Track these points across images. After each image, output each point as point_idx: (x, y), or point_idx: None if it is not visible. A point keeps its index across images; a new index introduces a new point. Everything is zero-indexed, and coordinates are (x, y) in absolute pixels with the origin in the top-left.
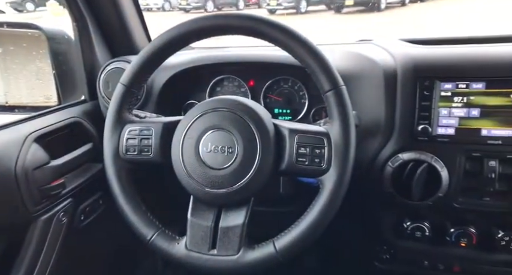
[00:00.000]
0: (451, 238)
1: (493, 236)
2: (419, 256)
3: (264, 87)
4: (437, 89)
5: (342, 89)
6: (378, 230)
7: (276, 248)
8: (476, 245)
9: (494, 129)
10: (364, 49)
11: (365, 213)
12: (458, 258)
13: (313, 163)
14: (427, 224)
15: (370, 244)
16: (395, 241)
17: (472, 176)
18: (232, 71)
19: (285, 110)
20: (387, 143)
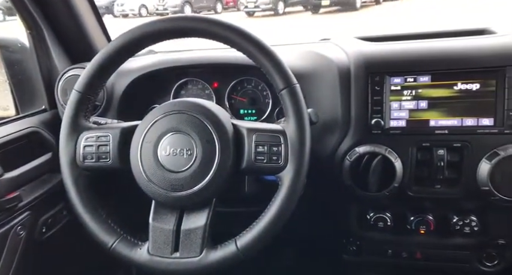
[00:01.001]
0: (411, 226)
1: (449, 221)
2: (383, 246)
3: (227, 89)
4: (388, 83)
5: (295, 87)
6: (343, 223)
7: (238, 247)
8: (434, 231)
9: (441, 119)
10: (321, 48)
11: (330, 207)
12: (419, 245)
13: (271, 160)
14: (388, 214)
15: (338, 237)
16: (361, 232)
17: (424, 165)
18: (196, 73)
19: (250, 110)
20: (345, 137)
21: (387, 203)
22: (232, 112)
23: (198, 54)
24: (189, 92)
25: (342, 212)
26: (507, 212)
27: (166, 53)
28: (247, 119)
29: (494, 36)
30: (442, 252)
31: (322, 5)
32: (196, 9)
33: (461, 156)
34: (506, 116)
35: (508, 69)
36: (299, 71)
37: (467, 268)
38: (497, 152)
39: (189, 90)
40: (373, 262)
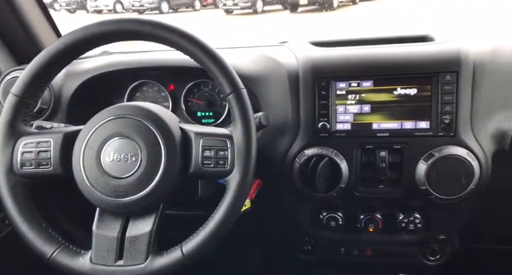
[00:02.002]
0: (361, 224)
1: (395, 219)
2: (336, 244)
3: (184, 91)
4: (333, 88)
5: (242, 92)
6: (298, 223)
7: (183, 252)
8: (383, 229)
9: (383, 122)
10: (274, 52)
11: (286, 207)
12: (369, 242)
13: (217, 165)
14: (340, 214)
15: (294, 237)
16: (315, 232)
17: (368, 166)
18: (152, 75)
19: (207, 113)
20: (295, 140)
21: (339, 203)
22: (189, 115)
23: (154, 56)
24: (144, 94)
25: (296, 212)
26: (445, 209)
27: (122, 54)
28: (204, 121)
29: (432, 43)
30: (391, 248)
31: (300, 3)
32: (174, 6)
33: (401, 157)
34: (440, 120)
35: (441, 76)
36: (251, 75)
37: (414, 263)
38: (433, 153)
39: (144, 92)
40: (328, 261)
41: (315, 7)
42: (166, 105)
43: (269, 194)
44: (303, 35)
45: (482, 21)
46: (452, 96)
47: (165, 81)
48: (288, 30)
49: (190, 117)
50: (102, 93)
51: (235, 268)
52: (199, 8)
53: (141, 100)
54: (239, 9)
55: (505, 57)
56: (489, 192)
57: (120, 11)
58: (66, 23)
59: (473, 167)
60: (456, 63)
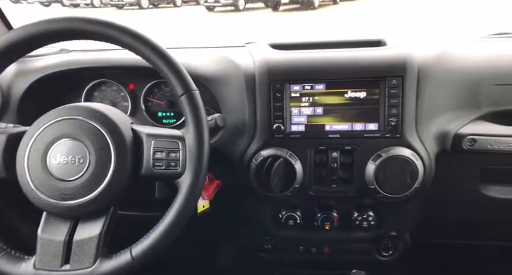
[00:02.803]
0: (318, 222)
1: (350, 217)
2: (295, 243)
3: (143, 91)
4: (288, 90)
5: (194, 93)
6: (258, 222)
7: (133, 255)
8: (338, 227)
9: (335, 124)
10: (233, 53)
11: (246, 207)
12: (326, 240)
13: (169, 167)
14: (298, 213)
15: (254, 236)
16: (274, 230)
17: (321, 166)
18: (110, 75)
19: (169, 113)
20: (252, 141)
21: (297, 202)
22: (150, 115)
23: (113, 55)
24: (103, 94)
25: (256, 212)
26: (395, 207)
27: (80, 53)
28: (165, 122)
29: (382, 48)
30: (346, 245)
31: (282, 2)
32: (154, 2)
33: (352, 158)
34: (387, 122)
35: (387, 80)
36: (209, 75)
37: (368, 259)
38: (380, 154)
39: (102, 92)
40: (288, 259)
41: (297, 6)
42: (126, 105)
43: (229, 195)
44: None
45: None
46: (398, 99)
47: (125, 80)
48: (268, 28)
49: (151, 117)
50: (58, 92)
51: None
52: (180, 4)
53: (100, 100)
54: (221, 6)
55: (448, 62)
56: (435, 190)
57: (98, 6)
58: (39, 18)
59: (417, 167)
60: (401, 68)
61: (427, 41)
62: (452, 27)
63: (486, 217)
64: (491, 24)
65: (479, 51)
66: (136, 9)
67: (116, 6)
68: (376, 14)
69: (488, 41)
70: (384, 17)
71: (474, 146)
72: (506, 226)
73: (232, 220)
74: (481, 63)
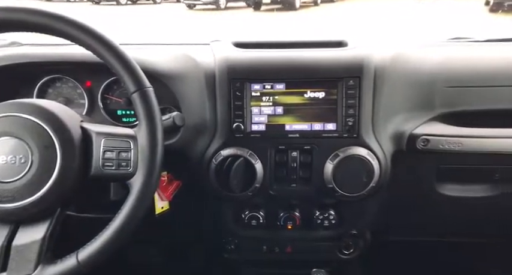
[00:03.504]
0: (280, 222)
1: (312, 216)
2: (258, 243)
3: (101, 88)
4: (248, 89)
5: (147, 91)
6: (221, 223)
7: (79, 260)
8: (300, 226)
9: (294, 124)
10: (195, 51)
11: (208, 208)
12: (289, 239)
13: (120, 167)
14: (261, 213)
15: (218, 237)
16: (237, 231)
17: (281, 166)
18: (65, 70)
19: (128, 111)
20: (212, 140)
21: (260, 202)
22: (108, 113)
23: (68, 49)
24: (58, 90)
25: (219, 212)
26: (355, 206)
27: (32, 46)
28: (125, 120)
29: (342, 49)
30: (308, 244)
31: (264, 2)
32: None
33: (311, 157)
34: (345, 122)
35: (345, 80)
36: (169, 72)
37: (330, 257)
38: (338, 154)
39: (57, 88)
40: (252, 259)
41: (278, 6)
42: (82, 103)
43: (191, 195)
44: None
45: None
46: (355, 100)
47: (81, 77)
48: (249, 27)
49: (110, 116)
50: (6, 88)
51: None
52: (160, 0)
53: (54, 97)
54: (202, 4)
55: (404, 64)
56: (394, 188)
57: (73, 0)
58: None
59: (373, 166)
60: (358, 69)
61: (385, 43)
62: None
63: (442, 215)
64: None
65: (434, 54)
66: (114, 5)
67: (92, 2)
68: (352, 16)
69: (445, 44)
70: (358, 19)
71: (427, 146)
72: (462, 222)
73: (195, 221)
74: (436, 66)
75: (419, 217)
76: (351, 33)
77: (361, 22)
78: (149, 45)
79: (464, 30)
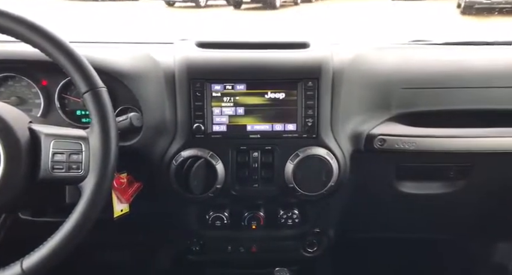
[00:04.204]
0: (245, 222)
1: (277, 215)
2: (223, 243)
3: (58, 88)
4: (208, 90)
5: (99, 91)
6: (185, 224)
7: (23, 268)
8: (265, 225)
9: (255, 124)
10: (156, 50)
11: (171, 209)
12: (253, 239)
13: (70, 170)
14: (226, 213)
15: (182, 238)
16: (202, 232)
17: (242, 166)
18: (18, 69)
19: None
20: (172, 141)
21: (225, 202)
22: (66, 114)
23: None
24: (10, 89)
25: (182, 213)
26: (318, 205)
27: None
28: (84, 121)
29: (303, 50)
30: (273, 244)
31: (244, 1)
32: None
33: (272, 157)
34: (304, 123)
35: (304, 82)
36: (127, 72)
37: (294, 256)
38: (298, 154)
39: (10, 87)
40: (217, 260)
41: (259, 5)
42: (38, 102)
43: (153, 197)
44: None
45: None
46: (313, 101)
47: (36, 75)
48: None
49: (68, 116)
50: None
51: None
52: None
53: (6, 96)
54: (181, 1)
55: (362, 65)
56: (354, 187)
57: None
58: None
59: (332, 165)
60: (317, 70)
61: (345, 45)
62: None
63: (402, 212)
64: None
65: (392, 56)
66: (90, 1)
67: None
68: (328, 16)
69: (404, 47)
70: (334, 19)
71: (384, 146)
72: (421, 219)
73: (159, 223)
74: (392, 68)
75: (381, 214)
76: (322, 33)
77: (336, 22)
78: (111, 44)
79: (432, 32)
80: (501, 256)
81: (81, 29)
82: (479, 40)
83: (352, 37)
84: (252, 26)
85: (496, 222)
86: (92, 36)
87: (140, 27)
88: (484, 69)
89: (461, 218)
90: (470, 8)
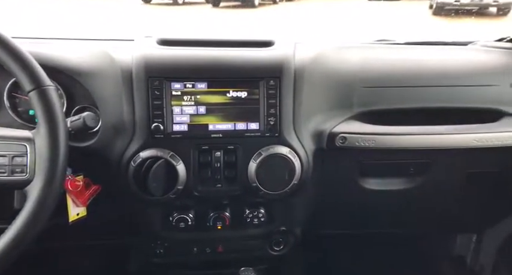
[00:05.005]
0: (210, 222)
1: (242, 215)
2: (188, 245)
3: (7, 86)
4: (168, 88)
5: (46, 89)
6: (149, 226)
7: None
8: (230, 225)
9: (217, 124)
10: (115, 47)
11: (134, 211)
12: (219, 239)
13: (13, 173)
14: (190, 215)
15: (145, 241)
16: (166, 234)
17: (205, 166)
18: None
19: None
20: (131, 142)
21: (190, 203)
22: (17, 114)
23: None
24: None
25: (146, 216)
26: (283, 203)
27: None
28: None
29: (265, 49)
30: (240, 243)
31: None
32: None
33: (235, 157)
34: (267, 121)
35: (266, 80)
36: (82, 69)
37: (261, 255)
38: (261, 153)
39: None
40: (182, 262)
41: (237, 3)
42: None
43: (112, 199)
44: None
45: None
46: (275, 100)
47: None
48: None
49: (18, 116)
50: None
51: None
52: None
53: None
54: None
55: (323, 64)
56: (319, 184)
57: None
58: None
59: (294, 164)
60: (278, 69)
61: (309, 44)
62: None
63: (367, 208)
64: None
65: (353, 55)
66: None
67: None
68: (305, 16)
69: (366, 46)
70: (310, 19)
71: (345, 144)
72: (385, 214)
73: (122, 226)
74: (354, 67)
75: (347, 211)
76: (295, 32)
77: (311, 21)
78: (67, 40)
79: (403, 32)
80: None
81: (46, 25)
82: (438, 40)
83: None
84: (228, 25)
85: (454, 216)
86: (49, 33)
87: (110, 24)
88: (441, 68)
89: (422, 213)
90: (440, 9)
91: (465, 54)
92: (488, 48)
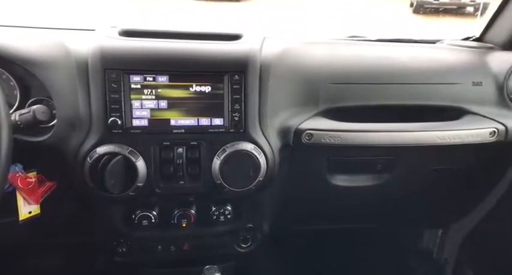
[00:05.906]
0: (174, 220)
1: (209, 212)
2: (152, 243)
3: None
4: (127, 81)
5: None
6: (110, 225)
7: None
8: (196, 223)
9: (180, 119)
10: (71, 37)
11: (94, 209)
12: (185, 237)
13: None
14: (154, 212)
15: (107, 239)
16: (128, 232)
17: (167, 163)
18: None
19: None
20: (87, 137)
21: (153, 201)
22: None
23: None
24: None
25: (106, 213)
26: (251, 200)
27: None
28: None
29: (232, 42)
30: (206, 241)
31: None
32: None
33: (198, 153)
34: (231, 117)
35: (230, 75)
36: (34, 59)
37: (229, 252)
38: (225, 149)
39: None
40: (146, 260)
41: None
42: None
43: (70, 196)
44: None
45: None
46: (240, 95)
47: None
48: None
49: None
50: None
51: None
52: None
53: None
54: None
55: (290, 59)
56: (288, 181)
57: None
58: None
59: (259, 161)
60: (243, 63)
61: (276, 38)
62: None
63: (335, 204)
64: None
65: (321, 51)
66: None
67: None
68: (287, 11)
69: (337, 42)
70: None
71: (311, 140)
72: (353, 210)
73: (82, 224)
74: (321, 63)
75: (315, 207)
76: (272, 26)
77: (291, 16)
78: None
79: (381, 29)
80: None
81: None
82: (408, 38)
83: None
84: (207, 18)
85: (420, 211)
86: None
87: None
88: (408, 66)
89: (390, 209)
90: (420, 7)
91: (431, 52)
92: (454, 46)
